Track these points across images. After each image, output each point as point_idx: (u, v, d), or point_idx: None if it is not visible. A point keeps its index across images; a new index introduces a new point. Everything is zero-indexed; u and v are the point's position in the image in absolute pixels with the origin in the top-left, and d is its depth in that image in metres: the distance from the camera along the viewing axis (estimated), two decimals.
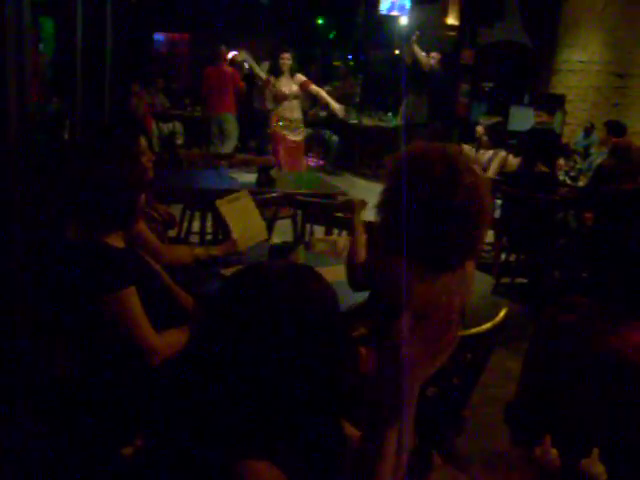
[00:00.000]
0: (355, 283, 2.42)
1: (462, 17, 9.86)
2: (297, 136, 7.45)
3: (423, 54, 8.82)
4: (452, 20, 9.81)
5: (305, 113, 10.10)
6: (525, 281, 5.71)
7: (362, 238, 2.56)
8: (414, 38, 8.80)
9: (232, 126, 9.51)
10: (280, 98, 7.25)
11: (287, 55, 7.26)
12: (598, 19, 10.21)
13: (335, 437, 1.30)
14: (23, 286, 1.79)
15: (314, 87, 7.56)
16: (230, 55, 10.65)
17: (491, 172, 6.40)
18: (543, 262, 5.51)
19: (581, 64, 10.51)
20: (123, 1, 8.36)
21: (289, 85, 7.25)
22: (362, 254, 2.48)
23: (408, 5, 12.96)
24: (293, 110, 7.37)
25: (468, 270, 2.19)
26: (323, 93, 7.64)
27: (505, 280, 5.70)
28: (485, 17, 11.39)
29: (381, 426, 1.17)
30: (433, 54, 8.86)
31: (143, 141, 3.22)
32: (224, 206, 3.28)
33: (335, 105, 7.44)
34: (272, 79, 7.30)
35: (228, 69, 9.79)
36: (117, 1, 5.92)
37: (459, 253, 2.03)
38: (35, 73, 1.83)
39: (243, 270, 1.27)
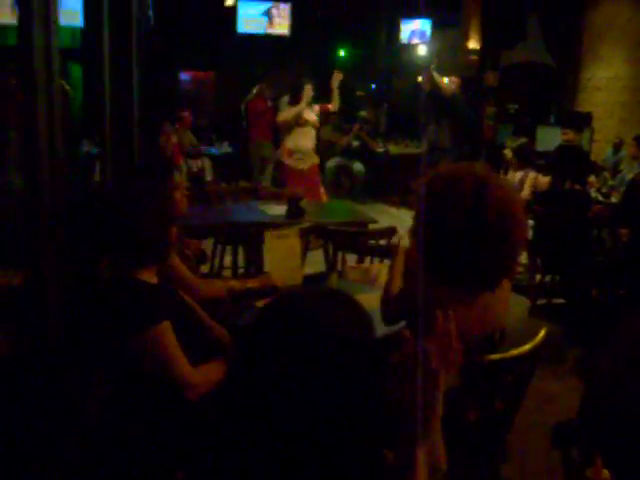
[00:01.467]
0: (389, 315, 2.39)
1: (483, 40, 9.88)
2: (305, 164, 7.47)
3: (445, 80, 8.84)
4: (473, 44, 9.85)
5: (334, 144, 10.20)
6: (562, 302, 5.63)
7: (399, 275, 2.52)
8: (432, 66, 8.85)
9: (271, 153, 10.19)
10: (301, 123, 7.33)
11: (309, 87, 7.37)
12: (620, 35, 10.17)
13: (373, 462, 1.28)
14: (58, 325, 1.81)
15: (330, 106, 7.75)
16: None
17: (524, 193, 6.35)
18: (579, 282, 5.42)
19: (606, 81, 10.44)
20: (148, 43, 8.54)
21: (309, 114, 7.37)
22: (397, 286, 2.45)
23: (429, 32, 13.07)
24: (308, 139, 7.45)
25: (505, 290, 2.16)
26: (332, 100, 7.72)
27: (541, 302, 5.62)
28: (506, 39, 11.41)
29: (407, 443, 1.15)
30: (453, 79, 8.86)
31: (177, 176, 3.26)
32: (272, 239, 3.28)
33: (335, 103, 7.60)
34: (291, 109, 7.43)
35: (267, 104, 10.81)
36: (143, 44, 6.04)
37: (495, 271, 1.99)
38: (64, 117, 1.86)
39: (278, 298, 1.25)
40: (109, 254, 2.18)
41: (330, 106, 7.73)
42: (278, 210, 5.19)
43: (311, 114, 7.41)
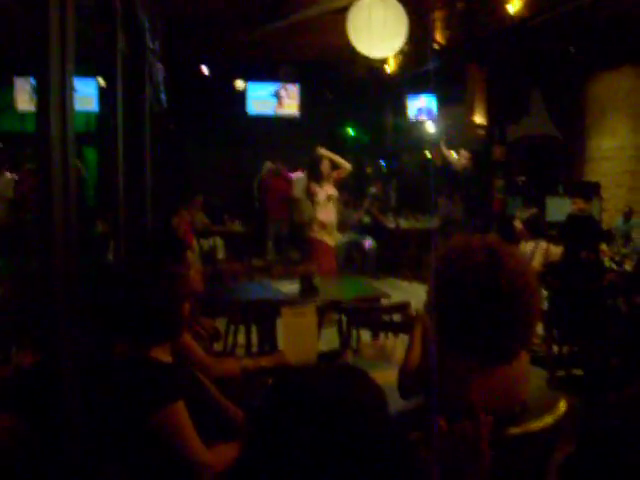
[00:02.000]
0: (406, 388, 2.36)
1: (489, 115, 10.06)
2: (333, 240, 7.61)
3: (454, 155, 8.96)
4: (479, 119, 10.02)
5: (345, 220, 10.32)
6: (581, 373, 5.54)
7: (418, 343, 2.50)
8: (442, 142, 8.99)
9: (287, 229, 10.97)
10: (323, 204, 7.44)
11: (327, 163, 7.52)
12: (624, 105, 10.33)
13: None
14: (72, 405, 1.79)
15: (339, 172, 7.76)
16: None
17: (536, 264, 6.33)
18: (597, 351, 5.35)
19: (612, 150, 10.57)
20: (161, 126, 8.76)
21: (329, 190, 7.49)
22: (415, 358, 2.42)
23: (435, 108, 13.33)
24: (330, 214, 7.54)
25: (523, 362, 2.13)
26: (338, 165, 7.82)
27: (560, 373, 5.53)
28: (511, 113, 11.61)
29: None
30: (463, 153, 8.98)
31: (190, 255, 3.29)
32: (288, 316, 3.27)
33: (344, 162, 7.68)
34: (315, 186, 7.52)
35: (283, 181, 11.56)
36: (155, 127, 6.20)
37: (511, 343, 1.97)
38: (79, 199, 1.90)
39: (289, 376, 1.24)
40: (123, 333, 2.18)
41: (341, 171, 7.78)
42: (291, 288, 5.20)
43: (333, 189, 7.55)
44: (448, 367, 2.00)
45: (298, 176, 11.23)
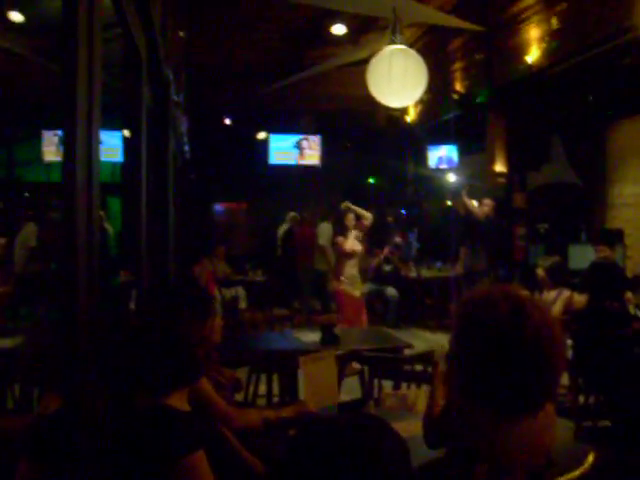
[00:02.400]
0: (432, 438, 2.33)
1: (509, 163, 10.09)
2: (358, 291, 7.59)
3: (475, 205, 8.96)
4: (500, 167, 10.04)
5: (366, 269, 10.34)
6: (609, 424, 5.41)
7: (440, 390, 2.47)
8: (464, 192, 9.00)
9: (312, 276, 11.39)
10: (348, 256, 7.44)
11: (351, 215, 7.58)
12: None
13: None
14: (90, 454, 1.78)
15: (365, 222, 7.81)
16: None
17: (557, 312, 6.26)
18: (625, 402, 5.24)
19: (634, 197, 10.51)
20: (184, 177, 8.88)
21: (354, 243, 7.51)
22: (439, 408, 2.39)
23: (455, 158, 13.40)
24: (354, 267, 7.57)
25: (549, 414, 2.10)
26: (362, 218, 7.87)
27: (587, 424, 5.41)
28: (532, 161, 11.63)
29: None
30: (486, 201, 8.96)
31: (215, 304, 3.29)
32: (307, 363, 3.26)
33: (366, 213, 7.69)
34: (341, 239, 7.57)
35: (309, 230, 11.86)
36: (179, 178, 6.28)
37: (536, 394, 1.95)
38: (103, 249, 1.93)
39: (310, 428, 1.23)
40: (139, 380, 2.17)
41: (365, 221, 7.82)
42: (312, 337, 5.18)
43: (356, 243, 7.60)
44: (472, 418, 1.98)
45: (322, 226, 11.30)
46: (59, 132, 10.80)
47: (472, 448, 1.99)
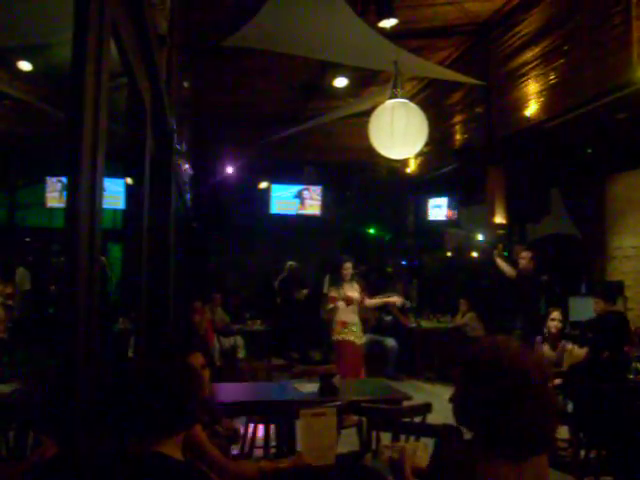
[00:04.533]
0: None
1: (509, 216, 10.14)
2: (361, 340, 7.55)
3: (507, 266, 8.83)
4: (499, 219, 10.09)
5: (367, 319, 10.29)
6: (611, 479, 5.33)
7: None
8: (496, 252, 8.92)
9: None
10: (348, 302, 7.43)
11: (349, 265, 7.59)
12: None
13: None
14: None
15: (368, 302, 7.85)
16: None
17: (566, 365, 6.26)
18: (627, 456, 5.16)
19: (634, 249, 10.55)
20: (186, 223, 8.91)
21: (352, 291, 7.51)
22: None
23: (455, 209, 13.49)
24: (355, 315, 7.53)
25: (543, 464, 2.12)
26: (372, 303, 7.87)
27: (588, 479, 5.32)
28: (532, 214, 11.70)
29: None
30: (523, 254, 8.67)
31: (200, 357, 3.28)
32: (307, 417, 3.23)
33: (392, 299, 7.62)
34: (334, 291, 7.54)
35: None
36: (180, 223, 6.31)
37: (540, 436, 2.03)
38: (102, 295, 1.93)
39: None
40: (135, 426, 2.15)
41: (367, 301, 7.85)
42: (311, 388, 5.14)
43: (354, 292, 7.55)
44: (476, 465, 2.01)
45: (327, 279, 11.26)
46: (63, 179, 10.89)
47: None
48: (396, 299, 7.69)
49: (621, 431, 5.05)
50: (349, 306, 7.45)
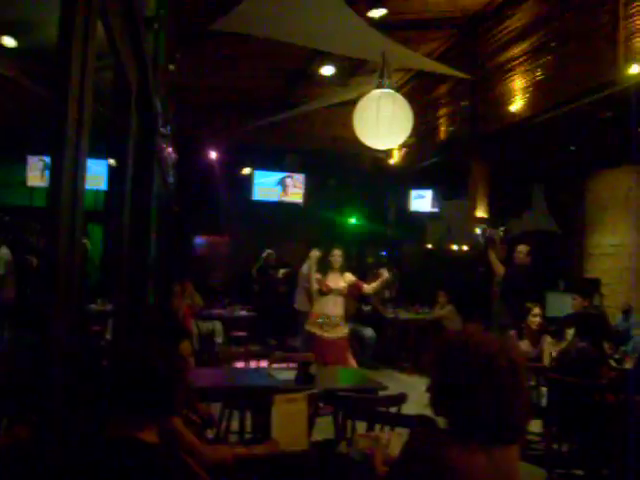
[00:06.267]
0: None
1: (491, 210, 10.19)
2: (336, 333, 7.28)
3: (498, 263, 8.79)
4: (481, 213, 10.14)
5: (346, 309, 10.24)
6: (581, 472, 5.40)
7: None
8: (491, 253, 8.87)
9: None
10: (325, 292, 7.26)
11: (338, 252, 7.38)
12: (623, 204, 10.49)
13: None
14: None
15: (366, 288, 7.66)
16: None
17: (546, 361, 6.34)
18: (598, 450, 5.23)
19: (613, 248, 10.66)
20: (168, 208, 8.88)
21: (336, 281, 7.31)
22: None
23: (438, 202, 13.55)
24: (335, 306, 7.32)
25: (515, 456, 2.15)
26: (372, 288, 7.73)
27: (559, 472, 5.39)
28: (513, 209, 11.76)
29: None
30: (520, 248, 8.63)
31: (189, 346, 3.29)
32: (280, 403, 3.25)
33: (384, 275, 7.52)
34: (320, 276, 7.34)
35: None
36: (162, 207, 6.28)
37: (519, 420, 2.08)
38: (82, 275, 1.92)
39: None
40: (114, 411, 2.15)
41: (366, 287, 7.72)
42: (287, 375, 5.15)
43: (340, 282, 7.35)
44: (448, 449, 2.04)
45: (305, 267, 11.21)
46: (45, 157, 10.77)
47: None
48: (385, 274, 7.56)
49: (592, 426, 5.12)
50: (327, 296, 7.31)
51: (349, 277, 7.47)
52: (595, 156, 10.31)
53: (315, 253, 7.44)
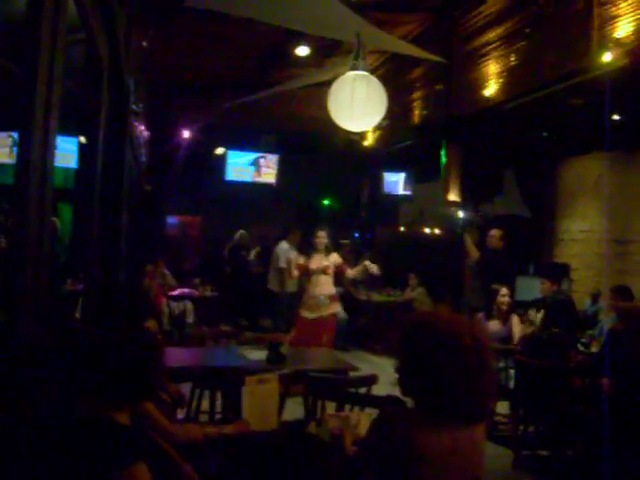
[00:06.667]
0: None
1: (463, 194, 10.23)
2: (321, 312, 7.34)
3: (473, 247, 8.84)
4: (454, 197, 10.18)
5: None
6: (546, 453, 5.50)
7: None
8: (467, 237, 8.93)
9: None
10: (307, 273, 7.29)
11: (322, 233, 7.38)
12: (593, 190, 10.61)
13: None
14: (30, 464, 1.75)
15: (349, 272, 7.69)
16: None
17: (517, 337, 6.44)
18: (563, 432, 5.33)
19: (582, 233, 10.79)
20: (139, 187, 8.79)
21: (320, 262, 7.32)
22: None
23: (411, 185, 13.59)
24: (323, 286, 7.34)
25: (480, 438, 2.18)
26: (354, 272, 7.76)
27: (525, 453, 5.49)
28: (485, 193, 11.84)
29: None
30: (492, 232, 8.71)
31: (154, 324, 3.28)
32: (250, 384, 3.27)
33: (369, 266, 7.53)
34: (303, 258, 7.39)
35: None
36: (133, 188, 6.22)
37: (476, 404, 2.10)
38: (52, 255, 1.90)
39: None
40: (88, 393, 2.14)
41: (349, 271, 7.74)
42: (258, 355, 5.16)
43: (322, 261, 7.34)
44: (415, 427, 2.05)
45: (281, 247, 11.18)
46: (13, 133, 10.57)
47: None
48: (374, 267, 7.59)
49: (559, 408, 5.21)
50: (312, 277, 7.30)
51: (335, 257, 7.50)
52: (567, 142, 10.39)
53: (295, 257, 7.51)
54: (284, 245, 11.08)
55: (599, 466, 4.40)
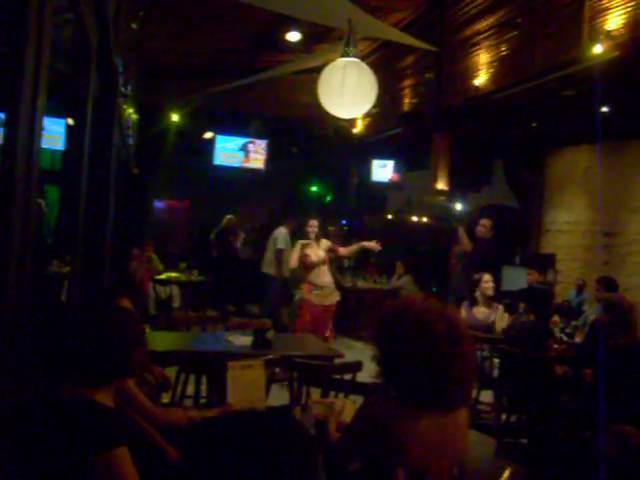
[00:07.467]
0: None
1: (451, 183, 10.25)
2: (329, 300, 7.47)
3: (467, 239, 8.89)
4: (442, 186, 10.19)
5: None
6: (528, 441, 5.56)
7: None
8: (460, 229, 8.96)
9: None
10: (310, 267, 7.33)
11: (314, 222, 7.42)
12: (580, 181, 10.66)
13: None
14: (9, 446, 1.74)
15: (342, 250, 7.82)
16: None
17: (499, 329, 6.45)
18: (545, 421, 5.38)
19: (568, 224, 10.85)
20: (127, 170, 8.75)
21: (317, 252, 7.37)
22: None
23: (400, 172, 13.58)
24: (324, 276, 7.43)
25: (462, 423, 2.19)
26: (348, 250, 7.81)
27: (508, 441, 5.54)
28: (473, 183, 11.87)
29: None
30: (482, 222, 8.79)
31: (128, 303, 3.27)
32: (235, 369, 3.27)
33: (370, 244, 7.60)
34: (304, 253, 7.39)
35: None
36: (121, 171, 6.18)
37: (454, 391, 2.11)
38: (37, 236, 1.89)
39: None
40: (68, 372, 2.14)
41: (342, 250, 7.77)
42: (244, 340, 5.17)
43: (320, 252, 7.40)
44: (395, 414, 2.07)
45: (279, 230, 11.12)
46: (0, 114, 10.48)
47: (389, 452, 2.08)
48: (373, 244, 7.66)
49: (539, 397, 5.25)
50: (317, 267, 7.35)
51: (325, 243, 7.57)
52: (555, 134, 10.42)
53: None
54: (283, 230, 11.05)
55: (581, 454, 4.44)
